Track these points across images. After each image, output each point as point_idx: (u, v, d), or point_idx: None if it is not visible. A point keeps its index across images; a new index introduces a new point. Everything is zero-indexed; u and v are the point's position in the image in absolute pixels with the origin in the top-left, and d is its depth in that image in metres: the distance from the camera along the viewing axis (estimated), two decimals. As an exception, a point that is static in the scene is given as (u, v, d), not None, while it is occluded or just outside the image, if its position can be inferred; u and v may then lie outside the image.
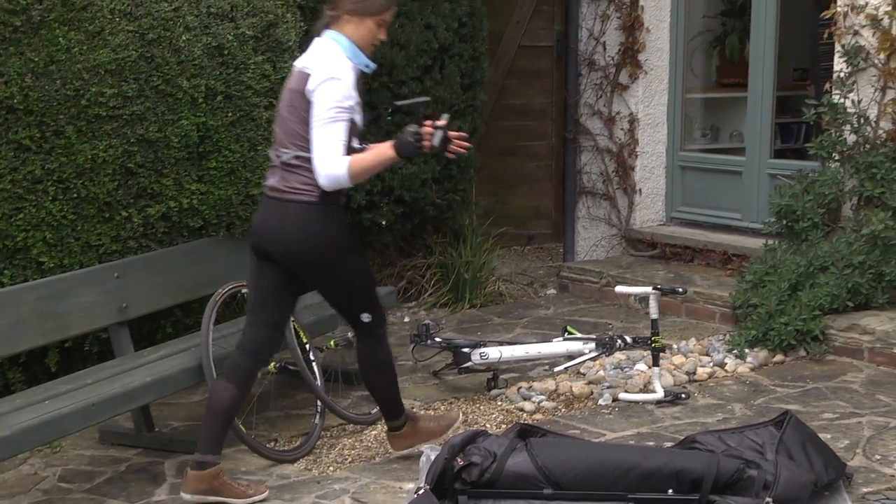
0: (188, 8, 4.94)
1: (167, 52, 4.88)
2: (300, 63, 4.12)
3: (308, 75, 4.02)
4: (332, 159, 3.95)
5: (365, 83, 6.43)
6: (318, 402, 4.81)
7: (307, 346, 4.91)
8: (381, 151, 4.03)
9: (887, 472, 4.20)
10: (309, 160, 4.00)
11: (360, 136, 4.15)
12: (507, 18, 8.30)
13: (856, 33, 6.12)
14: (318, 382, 4.84)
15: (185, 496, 4.09)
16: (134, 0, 4.82)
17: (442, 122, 4.06)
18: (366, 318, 4.30)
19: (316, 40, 4.15)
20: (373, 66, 4.17)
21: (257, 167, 5.25)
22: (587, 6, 7.66)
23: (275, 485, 4.32)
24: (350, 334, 5.28)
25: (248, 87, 5.13)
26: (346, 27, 4.10)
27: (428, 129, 4.03)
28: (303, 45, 5.81)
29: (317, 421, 4.77)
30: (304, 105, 4.00)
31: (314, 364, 4.89)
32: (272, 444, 4.74)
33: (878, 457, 4.35)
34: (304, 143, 4.01)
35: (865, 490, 4.05)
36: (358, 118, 4.09)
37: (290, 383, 5.32)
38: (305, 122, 4.00)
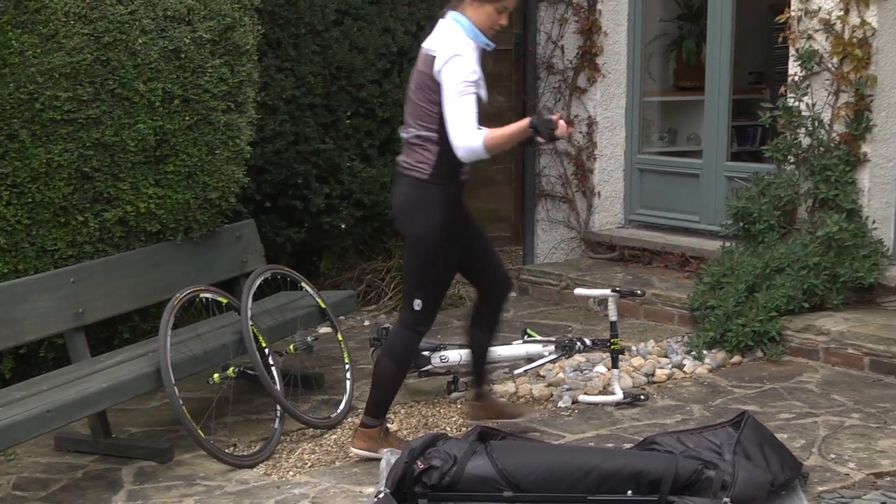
0: (144, 11, 4.90)
1: (123, 55, 4.84)
2: (426, 45, 4.32)
3: (433, 57, 4.22)
4: (468, 132, 4.13)
5: (324, 86, 6.45)
6: (278, 407, 4.79)
7: (266, 350, 4.88)
8: (518, 124, 4.19)
9: (842, 471, 4.25)
10: (428, 139, 4.24)
11: (483, 113, 4.25)
12: (465, 22, 8.31)
13: (809, 37, 6.19)
14: (278, 387, 4.82)
15: (352, 450, 4.53)
16: (89, 3, 4.77)
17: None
18: (417, 306, 4.40)
19: (440, 21, 4.35)
20: (492, 44, 4.31)
21: (215, 171, 5.22)
22: (545, 10, 7.69)
23: (234, 490, 4.30)
24: (309, 338, 5.29)
25: (206, 91, 5.10)
26: (467, 10, 4.29)
27: (562, 122, 4.18)
28: (261, 49, 5.83)
29: (276, 426, 4.75)
30: (433, 86, 4.19)
31: (273, 368, 4.87)
32: (231, 449, 4.72)
33: (833, 456, 4.40)
34: (427, 122, 4.23)
35: (821, 489, 4.09)
36: (483, 93, 4.25)
37: (249, 388, 5.29)
38: (433, 102, 4.20)
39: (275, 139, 6.31)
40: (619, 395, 5.16)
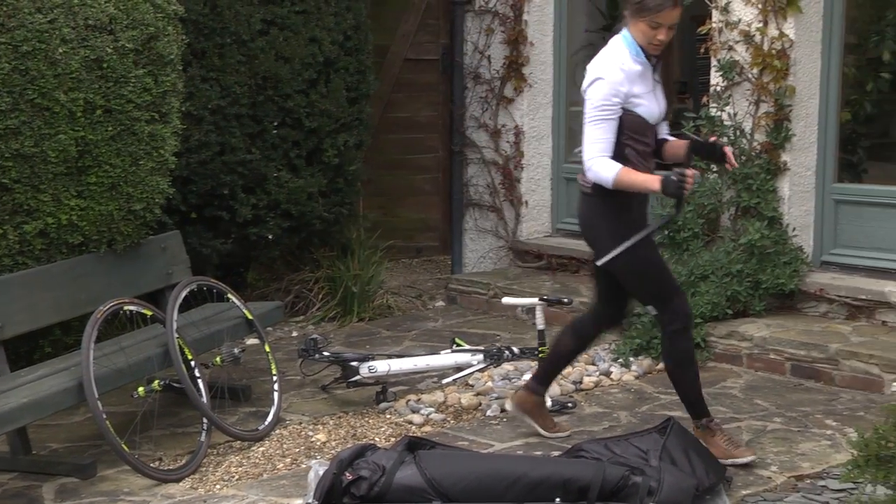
0: (64, 20, 4.82)
1: (43, 64, 4.76)
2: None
3: (584, 76, 4.29)
4: (598, 160, 4.20)
5: (250, 96, 6.40)
6: (204, 420, 4.74)
7: (192, 362, 4.83)
8: (648, 180, 4.17)
9: (764, 475, 4.32)
10: None
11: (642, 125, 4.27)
12: (392, 32, 8.32)
13: (730, 48, 6.30)
14: (205, 399, 4.77)
15: (508, 407, 4.80)
16: (6, 11, 4.68)
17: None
18: (651, 311, 4.43)
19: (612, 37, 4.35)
20: (647, 63, 4.25)
21: (139, 182, 5.16)
22: (472, 20, 7.73)
23: (159, 505, 4.24)
24: (236, 350, 5.24)
25: (129, 101, 5.03)
26: (630, 26, 4.26)
27: (691, 179, 4.12)
28: (185, 58, 5.78)
29: (203, 438, 4.70)
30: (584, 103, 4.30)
31: (200, 381, 4.82)
32: (157, 463, 4.65)
33: (757, 459, 4.46)
34: None
35: (744, 492, 4.16)
36: (644, 109, 4.23)
37: (175, 401, 5.23)
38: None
39: (200, 149, 6.25)
40: (547, 403, 5.18)
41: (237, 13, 6.31)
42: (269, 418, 5.04)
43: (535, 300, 5.40)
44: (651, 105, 4.26)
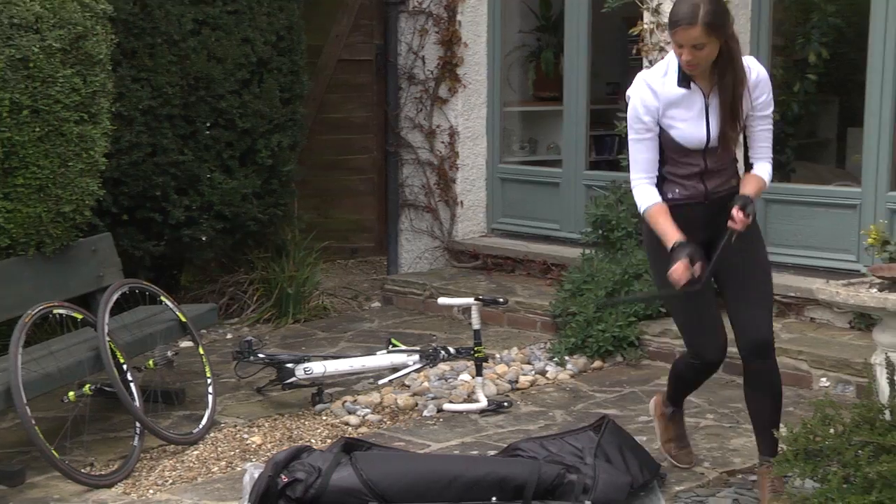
0: (-10, 18, 4.74)
1: (-32, 64, 4.67)
2: None
3: None
4: (637, 185, 3.95)
5: (182, 97, 6.34)
6: (137, 424, 4.68)
7: (124, 366, 4.76)
8: (667, 237, 3.85)
9: (697, 471, 4.37)
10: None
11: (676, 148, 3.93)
12: (326, 33, 8.29)
13: (661, 49, 6.37)
14: (137, 403, 4.71)
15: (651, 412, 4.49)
16: (-70, 9, 4.59)
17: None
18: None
19: None
20: (684, 88, 3.88)
21: (69, 184, 5.07)
22: (406, 21, 7.73)
23: (91, 511, 4.18)
24: (169, 353, 5.18)
25: (57, 102, 4.94)
26: None
27: (679, 274, 3.78)
28: (115, 58, 5.71)
29: (136, 443, 4.64)
30: None
31: (132, 385, 4.75)
32: (88, 469, 4.58)
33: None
34: None
35: (678, 488, 4.20)
36: (678, 133, 3.88)
37: (107, 406, 5.15)
38: None
39: (131, 151, 6.17)
40: (483, 403, 5.20)
41: (168, 13, 6.25)
42: (204, 421, 4.99)
43: (470, 300, 5.42)
44: (691, 130, 3.88)
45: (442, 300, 5.66)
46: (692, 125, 3.89)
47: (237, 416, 5.22)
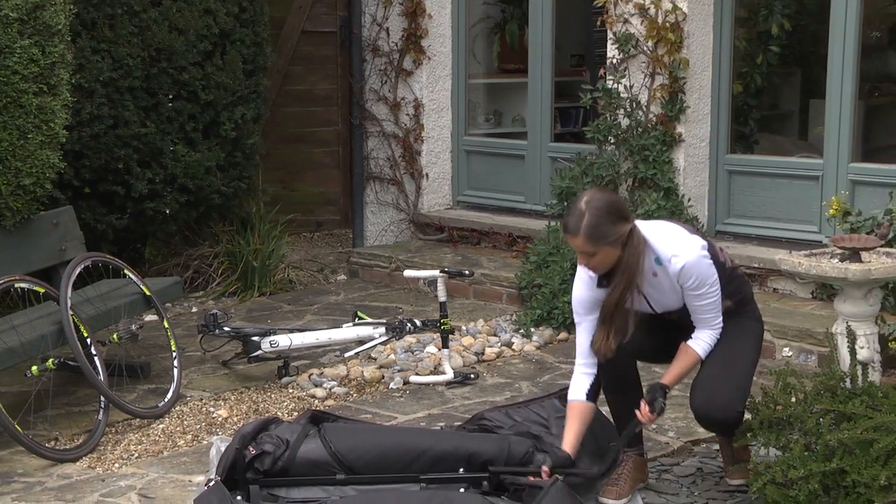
0: (-55, -13, 4.66)
1: (-77, 34, 4.60)
2: None
3: None
4: (574, 369, 4.01)
5: (143, 68, 6.28)
6: (102, 398, 4.66)
7: (88, 340, 4.73)
8: (566, 440, 3.90)
9: (662, 440, 4.41)
10: None
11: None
12: (288, 4, 8.22)
13: (626, 21, 6.38)
14: (101, 377, 4.68)
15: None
16: None
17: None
18: None
19: None
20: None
21: (28, 156, 5.01)
22: (370, -9, 7.68)
23: (55, 486, 4.15)
24: (134, 326, 5.15)
25: (15, 73, 4.88)
26: None
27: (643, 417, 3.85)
28: (74, 29, 5.63)
29: (100, 417, 4.62)
30: None
31: (96, 358, 4.73)
32: (52, 443, 4.56)
33: (654, 426, 4.53)
34: None
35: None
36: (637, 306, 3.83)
37: (71, 380, 5.12)
38: None
39: (92, 123, 6.10)
40: (449, 375, 5.22)
41: (128, -18, 6.17)
42: (169, 395, 4.98)
43: (436, 272, 5.42)
44: (638, 304, 3.84)
45: (408, 273, 5.66)
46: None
47: (203, 390, 5.21)
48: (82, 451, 4.44)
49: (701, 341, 3.87)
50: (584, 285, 3.87)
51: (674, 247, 3.78)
